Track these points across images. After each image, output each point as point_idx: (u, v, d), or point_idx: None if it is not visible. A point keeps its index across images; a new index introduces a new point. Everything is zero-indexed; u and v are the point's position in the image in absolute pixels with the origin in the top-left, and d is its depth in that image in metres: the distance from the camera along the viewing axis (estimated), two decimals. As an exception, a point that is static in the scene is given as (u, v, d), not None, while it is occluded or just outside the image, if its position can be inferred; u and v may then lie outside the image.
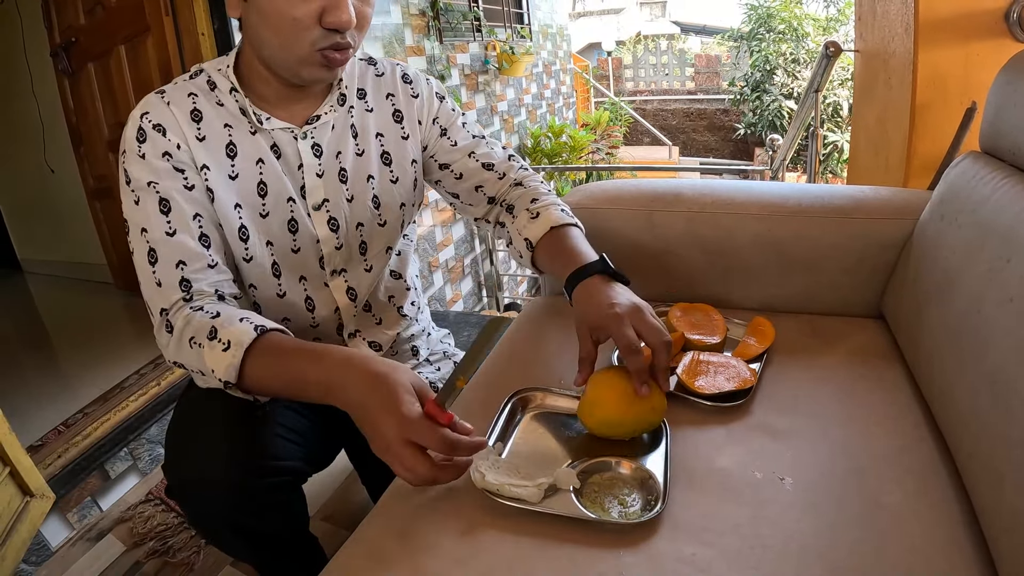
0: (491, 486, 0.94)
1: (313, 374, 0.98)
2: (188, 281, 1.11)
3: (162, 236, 1.11)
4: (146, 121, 1.14)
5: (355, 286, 1.38)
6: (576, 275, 1.19)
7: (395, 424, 0.89)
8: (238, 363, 1.00)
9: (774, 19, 11.92)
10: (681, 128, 14.39)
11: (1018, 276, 0.93)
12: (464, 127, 1.44)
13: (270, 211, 1.24)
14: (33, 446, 2.27)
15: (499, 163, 1.44)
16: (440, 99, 1.43)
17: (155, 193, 1.12)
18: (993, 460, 0.87)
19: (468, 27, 5.20)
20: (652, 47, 16.21)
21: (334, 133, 1.29)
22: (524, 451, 1.07)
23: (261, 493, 1.11)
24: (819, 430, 1.12)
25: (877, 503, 0.95)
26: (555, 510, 0.93)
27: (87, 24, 3.40)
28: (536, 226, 1.32)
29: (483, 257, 5.54)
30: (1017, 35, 1.98)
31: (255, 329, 1.03)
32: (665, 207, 1.61)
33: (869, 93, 2.51)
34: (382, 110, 1.36)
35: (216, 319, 1.05)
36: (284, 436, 1.19)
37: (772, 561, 0.86)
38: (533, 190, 1.41)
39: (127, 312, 3.78)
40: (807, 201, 1.53)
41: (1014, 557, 0.78)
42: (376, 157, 1.34)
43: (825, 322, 1.50)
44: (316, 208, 1.28)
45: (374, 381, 0.94)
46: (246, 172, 1.21)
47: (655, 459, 1.05)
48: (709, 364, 1.26)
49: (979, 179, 1.19)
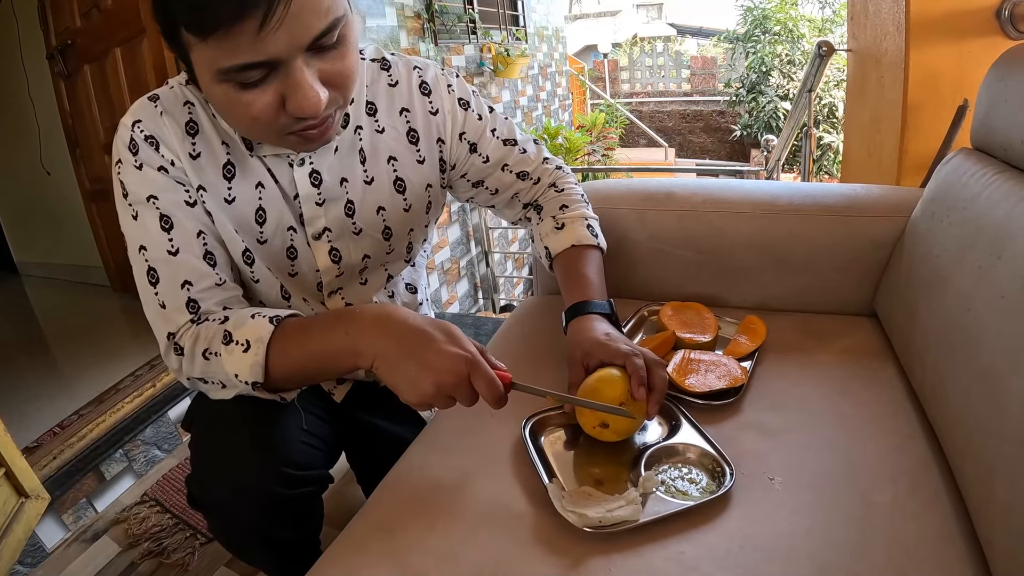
0: (592, 521, 0.90)
1: (340, 339, 0.96)
2: (195, 302, 1.04)
3: (164, 255, 1.03)
4: (137, 131, 1.03)
5: (352, 301, 1.32)
6: (580, 306, 1.20)
7: (464, 355, 0.92)
8: (262, 360, 0.96)
9: (769, 20, 11.93)
10: (677, 130, 14.39)
11: (1009, 273, 0.93)
12: (494, 135, 1.32)
13: (268, 239, 1.15)
14: (29, 447, 2.27)
15: (534, 169, 1.38)
16: (465, 107, 1.29)
17: (155, 209, 1.03)
18: (985, 457, 0.86)
19: (463, 29, 5.18)
20: (648, 49, 16.22)
21: (337, 157, 1.16)
22: (579, 475, 1.04)
23: (291, 503, 1.09)
24: (810, 429, 1.12)
25: (869, 502, 0.94)
26: (659, 513, 0.93)
27: (83, 27, 3.40)
28: (559, 239, 1.32)
29: (479, 259, 5.53)
30: (1009, 32, 1.98)
31: (271, 321, 0.99)
32: (657, 206, 1.61)
33: (862, 92, 2.52)
34: (396, 129, 1.22)
35: (226, 323, 1.01)
36: (309, 443, 1.17)
37: (760, 561, 0.86)
38: (566, 195, 1.39)
39: (124, 314, 3.78)
40: (799, 200, 1.53)
41: (1007, 554, 0.78)
42: (388, 184, 1.23)
43: (818, 321, 1.49)
44: (316, 238, 1.19)
45: (432, 322, 0.95)
46: (244, 196, 1.11)
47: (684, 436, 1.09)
48: (700, 362, 1.26)
49: (970, 176, 1.19)
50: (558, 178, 1.41)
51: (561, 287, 1.29)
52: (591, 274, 1.26)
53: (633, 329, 1.48)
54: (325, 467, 1.21)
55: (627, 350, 1.07)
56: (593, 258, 1.31)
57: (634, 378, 1.03)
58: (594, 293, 1.22)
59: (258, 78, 0.86)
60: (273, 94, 0.88)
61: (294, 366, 0.98)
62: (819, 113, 10.81)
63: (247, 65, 0.84)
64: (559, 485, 0.99)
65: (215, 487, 1.05)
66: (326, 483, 1.21)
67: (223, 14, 0.78)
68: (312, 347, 0.97)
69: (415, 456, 1.15)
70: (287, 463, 1.08)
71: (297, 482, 1.09)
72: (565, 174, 1.43)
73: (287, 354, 0.97)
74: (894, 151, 2.22)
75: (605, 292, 1.26)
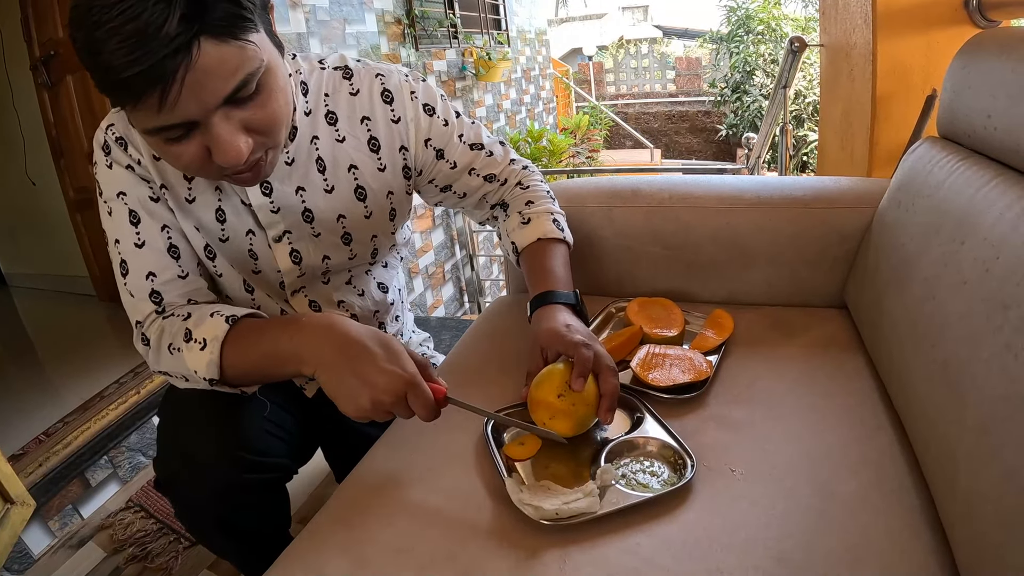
0: (549, 514, 0.91)
1: (285, 344, 0.99)
2: (158, 293, 1.11)
3: (131, 247, 1.10)
4: (110, 133, 1.10)
5: (317, 299, 1.35)
6: (545, 296, 1.21)
7: (402, 375, 0.95)
8: (217, 358, 1.00)
9: (752, 20, 12.00)
10: (663, 131, 14.44)
11: (971, 258, 0.93)
12: (461, 140, 1.33)
13: (230, 236, 1.19)
14: (15, 455, 2.28)
15: (500, 171, 1.39)
16: (430, 113, 1.29)
17: (124, 205, 1.11)
18: (947, 446, 0.87)
19: (445, 34, 5.20)
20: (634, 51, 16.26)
21: (292, 168, 1.18)
22: (539, 471, 1.04)
23: (248, 489, 1.13)
24: (774, 420, 1.12)
25: (830, 492, 0.95)
26: (617, 505, 0.93)
27: (66, 37, 3.39)
28: (525, 233, 1.33)
29: (464, 262, 5.54)
30: (977, 21, 1.99)
31: (227, 320, 1.03)
32: (624, 203, 1.62)
33: (834, 86, 2.53)
34: (357, 138, 1.23)
35: (188, 320, 1.06)
36: (271, 432, 1.20)
37: (717, 552, 0.86)
38: (531, 192, 1.40)
39: (109, 323, 3.77)
40: (766, 193, 1.53)
41: (969, 543, 0.78)
42: (350, 192, 1.24)
43: (788, 313, 1.50)
44: (277, 240, 1.22)
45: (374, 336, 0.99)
46: (203, 198, 1.15)
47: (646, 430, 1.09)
48: (665, 357, 1.26)
49: (935, 163, 1.19)
50: (524, 177, 1.42)
51: (527, 280, 1.30)
52: (556, 267, 1.27)
53: (601, 325, 1.48)
54: (286, 457, 1.23)
55: (578, 340, 1.06)
56: (559, 251, 1.32)
57: (576, 369, 1.03)
58: (559, 284, 1.23)
59: (180, 135, 0.88)
60: (197, 146, 0.90)
61: (247, 365, 1.02)
62: (803, 111, 10.86)
63: (164, 127, 0.86)
64: (519, 480, 1.00)
65: (175, 467, 1.11)
66: (287, 473, 1.24)
67: (125, 96, 0.81)
68: (263, 348, 1.01)
69: (378, 454, 1.16)
70: (245, 448, 1.12)
71: (254, 467, 1.13)
72: (531, 173, 1.44)
73: (240, 353, 1.01)
74: (865, 143, 2.23)
75: (571, 284, 1.27)
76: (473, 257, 5.53)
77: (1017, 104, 0.98)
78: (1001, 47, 1.08)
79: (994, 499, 0.74)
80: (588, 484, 0.96)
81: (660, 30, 20.84)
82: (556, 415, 1.03)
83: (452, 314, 5.34)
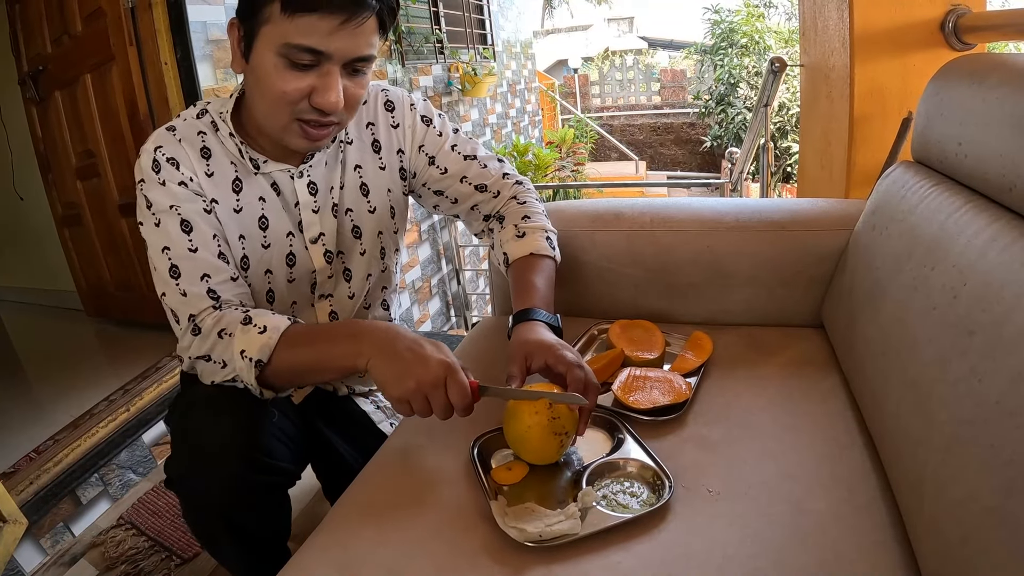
0: (533, 536, 0.94)
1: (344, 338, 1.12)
2: (215, 291, 1.19)
3: (185, 253, 1.18)
4: (160, 154, 1.20)
5: (338, 311, 1.45)
6: (529, 312, 1.27)
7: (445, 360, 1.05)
8: (273, 344, 1.10)
9: (736, 33, 12.05)
10: (648, 143, 14.46)
11: (940, 284, 0.96)
12: (454, 150, 1.47)
13: (271, 243, 1.31)
14: (6, 473, 2.26)
15: (492, 182, 1.48)
16: (427, 123, 1.45)
17: (176, 215, 1.19)
18: (915, 465, 0.90)
19: (431, 49, 5.21)
20: (619, 63, 16.28)
21: (327, 168, 1.36)
22: (524, 492, 1.07)
23: (258, 490, 1.18)
24: (750, 440, 1.15)
25: (803, 509, 0.97)
26: (598, 526, 0.96)
27: (54, 53, 3.40)
28: (519, 246, 1.41)
29: (450, 277, 5.54)
30: (953, 44, 2.02)
31: (289, 318, 1.15)
32: (606, 227, 1.65)
33: (813, 107, 2.55)
34: (362, 140, 1.40)
35: (248, 312, 1.16)
36: (278, 437, 1.25)
37: (693, 569, 0.89)
38: (528, 207, 1.47)
39: (98, 339, 3.74)
40: (745, 216, 1.57)
41: (934, 559, 0.81)
42: (355, 189, 1.40)
43: (766, 334, 1.53)
44: (313, 242, 1.36)
45: (424, 336, 1.10)
46: (249, 207, 1.28)
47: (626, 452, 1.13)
48: (646, 379, 1.29)
49: (908, 188, 1.23)
50: (519, 192, 1.50)
51: (513, 291, 1.36)
52: (542, 284, 1.34)
53: (583, 347, 1.51)
54: (292, 463, 1.28)
55: (573, 360, 1.12)
56: (546, 268, 1.39)
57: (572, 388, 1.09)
58: (544, 304, 1.30)
59: (307, 63, 1.09)
60: (308, 82, 1.11)
61: (296, 359, 1.12)
62: (787, 123, 10.90)
63: (310, 48, 1.07)
64: (504, 502, 1.03)
65: (187, 463, 1.15)
66: (292, 478, 1.30)
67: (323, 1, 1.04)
68: (319, 343, 1.14)
69: (371, 475, 1.19)
70: (256, 448, 1.17)
71: (265, 469, 1.18)
72: (526, 189, 1.52)
73: (294, 347, 1.11)
74: (843, 163, 2.25)
75: (552, 303, 1.33)
76: (459, 271, 5.54)
77: (986, 132, 1.02)
78: (972, 75, 1.11)
79: (957, 517, 0.76)
80: (570, 506, 0.99)
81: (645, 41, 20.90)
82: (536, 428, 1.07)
83: (439, 328, 5.34)
